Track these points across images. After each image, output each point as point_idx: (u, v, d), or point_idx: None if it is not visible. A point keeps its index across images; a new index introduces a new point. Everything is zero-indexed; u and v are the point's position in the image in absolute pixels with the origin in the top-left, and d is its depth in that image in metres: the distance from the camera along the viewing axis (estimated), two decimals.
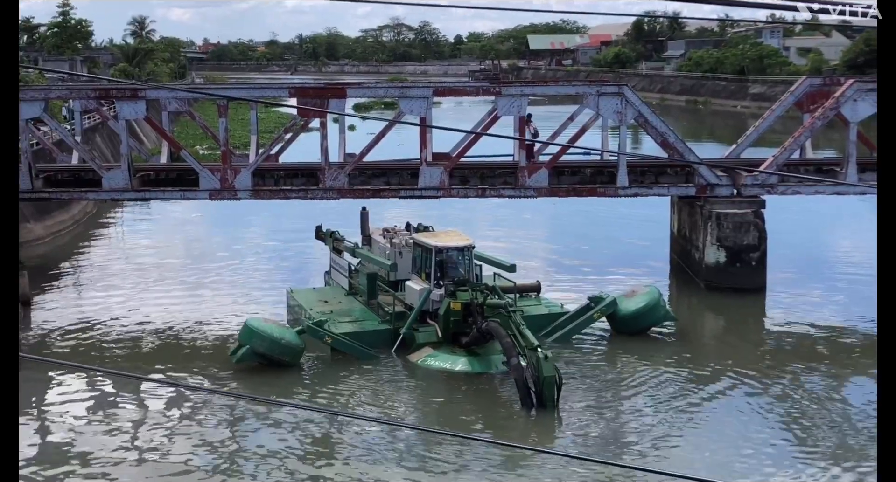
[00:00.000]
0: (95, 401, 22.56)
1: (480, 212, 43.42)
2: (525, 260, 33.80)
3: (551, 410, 21.20)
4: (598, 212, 42.15)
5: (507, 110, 31.04)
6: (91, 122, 49.69)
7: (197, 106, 51.72)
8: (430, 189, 31.33)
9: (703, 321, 30.41)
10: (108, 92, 32.77)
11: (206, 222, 45.62)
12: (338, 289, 29.42)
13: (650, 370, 24.39)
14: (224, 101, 31.70)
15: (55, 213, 41.53)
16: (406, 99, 31.15)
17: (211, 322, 28.79)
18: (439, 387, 23.47)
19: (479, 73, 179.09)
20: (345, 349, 24.77)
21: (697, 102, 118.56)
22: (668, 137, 31.13)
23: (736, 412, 21.76)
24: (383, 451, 19.50)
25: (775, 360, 25.36)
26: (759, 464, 18.97)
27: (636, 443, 20.08)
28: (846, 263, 35.63)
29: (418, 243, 26.34)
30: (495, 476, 18.47)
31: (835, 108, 31.33)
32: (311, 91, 32.44)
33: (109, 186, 31.57)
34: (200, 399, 22.40)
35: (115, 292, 32.37)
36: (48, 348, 26.40)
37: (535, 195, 31.64)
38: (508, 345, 22.19)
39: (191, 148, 51.39)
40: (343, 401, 22.51)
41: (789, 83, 34.89)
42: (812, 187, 31.97)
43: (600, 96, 31.01)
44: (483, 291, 24.52)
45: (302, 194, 32.06)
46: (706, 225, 31.35)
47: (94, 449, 19.82)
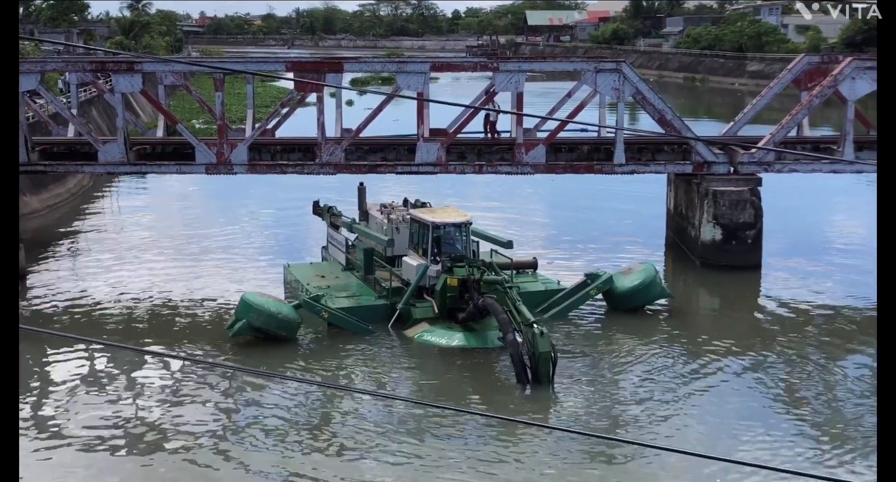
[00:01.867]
0: (91, 373, 22.65)
1: (477, 188, 43.41)
2: (522, 237, 33.85)
3: (546, 386, 21.30)
4: (595, 189, 42.13)
5: (505, 86, 30.95)
6: (87, 95, 49.49)
7: (193, 80, 51.55)
8: (427, 165, 31.30)
9: (698, 298, 30.50)
10: (105, 65, 32.65)
11: (203, 196, 45.58)
12: (335, 264, 29.45)
13: (645, 346, 24.50)
14: (220, 75, 31.58)
15: (51, 186, 41.46)
16: (403, 74, 31.04)
17: (208, 296, 28.82)
18: (435, 362, 23.57)
19: (477, 49, 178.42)
20: (341, 324, 24.84)
21: (695, 79, 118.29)
22: (666, 114, 31.09)
23: (731, 388, 21.87)
24: (379, 424, 19.60)
25: (770, 337, 25.48)
26: (754, 438, 19.09)
27: (631, 419, 20.20)
28: (842, 241, 35.70)
29: (416, 219, 26.35)
30: (490, 449, 18.58)
31: (833, 86, 31.29)
32: (308, 65, 32.36)
33: (105, 160, 31.51)
34: (197, 372, 22.49)
35: (110, 266, 32.39)
36: (44, 321, 26.44)
37: (531, 172, 31.62)
38: (504, 320, 22.27)
39: (187, 122, 51.27)
40: (339, 375, 22.61)
41: (787, 61, 34.81)
42: (809, 165, 31.98)
43: (598, 73, 30.94)
44: (480, 267, 24.57)
45: (298, 169, 32.01)
46: (702, 202, 31.38)
47: (89, 420, 19.88)
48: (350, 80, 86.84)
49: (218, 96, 31.30)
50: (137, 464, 18.13)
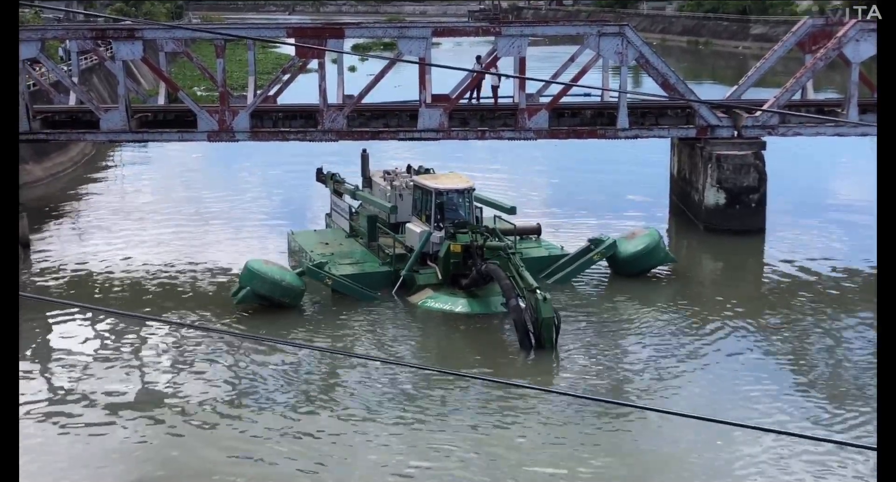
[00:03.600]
0: (95, 341, 22.72)
1: (482, 153, 43.27)
2: (525, 202, 33.77)
3: (549, 351, 21.37)
4: (599, 154, 41.96)
5: (507, 51, 30.74)
6: (88, 63, 49.25)
7: (194, 47, 51.30)
8: (430, 131, 31.17)
9: (701, 263, 30.49)
10: (105, 32, 32.46)
11: (206, 163, 45.48)
12: (338, 231, 29.45)
13: (649, 311, 24.54)
14: (222, 42, 31.40)
15: (53, 154, 41.38)
16: (405, 39, 30.83)
17: (211, 264, 28.87)
18: (439, 328, 23.64)
19: (479, 13, 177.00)
20: (345, 291, 24.88)
21: (698, 43, 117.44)
22: (669, 78, 30.88)
23: (735, 352, 21.92)
24: (383, 390, 19.70)
25: (774, 301, 25.50)
26: (757, 402, 19.15)
27: (634, 383, 20.28)
28: (845, 206, 35.59)
29: (419, 185, 26.30)
30: (493, 414, 18.68)
31: (837, 49, 31.06)
32: (310, 31, 32.12)
33: (107, 128, 31.42)
34: (201, 339, 22.56)
35: (114, 234, 32.41)
36: (47, 289, 26.51)
37: (534, 137, 31.50)
38: (507, 286, 22.29)
39: (188, 89, 51.04)
40: (343, 342, 22.69)
41: (792, 23, 34.52)
42: (813, 129, 31.83)
43: (601, 37, 30.70)
44: (483, 233, 24.56)
45: (300, 136, 31.90)
46: (706, 166, 31.27)
47: (93, 388, 20.00)
48: (352, 45, 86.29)
49: (219, 63, 31.14)
50: (140, 430, 18.21)
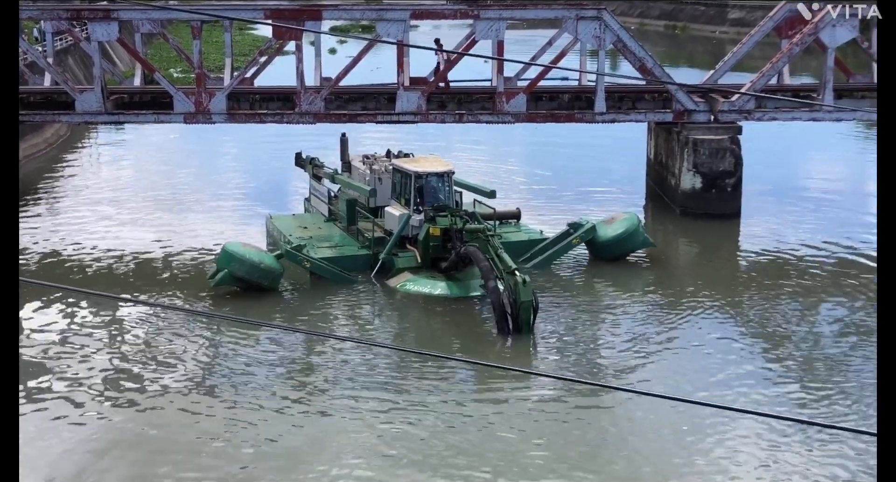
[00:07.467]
0: (71, 323, 22.61)
1: (461, 137, 43.29)
2: (506, 186, 33.85)
3: (527, 334, 21.50)
4: (578, 139, 42.05)
5: (486, 34, 30.74)
6: (63, 44, 48.79)
7: (171, 28, 50.94)
8: (408, 114, 31.16)
9: (678, 247, 30.70)
10: (80, 13, 32.19)
11: (183, 146, 45.24)
12: (317, 215, 29.42)
13: (627, 295, 24.72)
14: (198, 23, 31.21)
15: (28, 136, 41.02)
16: (383, 22, 30.78)
17: (189, 246, 28.78)
18: (417, 311, 23.72)
19: None
20: (323, 273, 24.89)
21: (676, 27, 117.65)
22: (647, 62, 30.99)
23: (711, 335, 22.13)
24: (361, 371, 19.77)
25: (750, 283, 25.76)
26: (734, 383, 19.37)
27: (611, 365, 20.46)
28: (819, 189, 35.91)
29: (398, 169, 26.31)
30: (471, 395, 18.82)
31: (813, 34, 31.26)
32: (287, 13, 31.99)
33: (83, 109, 31.20)
34: (178, 321, 22.50)
35: (90, 216, 32.23)
36: (22, 270, 26.32)
37: (512, 121, 31.55)
38: (486, 268, 22.38)
39: (165, 70, 50.65)
40: (322, 324, 22.73)
41: (769, 8, 34.66)
42: (789, 114, 32.05)
43: (579, 20, 30.74)
44: (462, 217, 24.62)
45: (278, 118, 31.81)
46: (683, 151, 31.44)
47: (69, 370, 19.95)
48: (329, 27, 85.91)
49: (195, 44, 30.96)
50: (120, 413, 18.20)
